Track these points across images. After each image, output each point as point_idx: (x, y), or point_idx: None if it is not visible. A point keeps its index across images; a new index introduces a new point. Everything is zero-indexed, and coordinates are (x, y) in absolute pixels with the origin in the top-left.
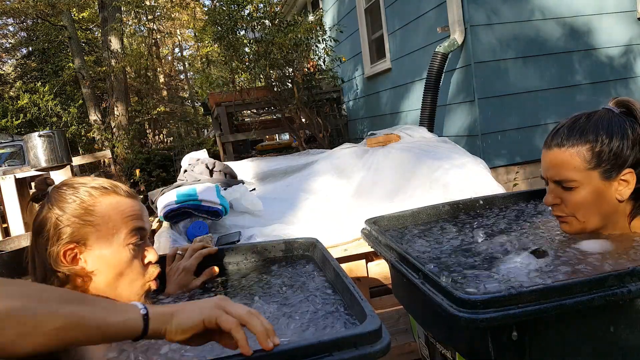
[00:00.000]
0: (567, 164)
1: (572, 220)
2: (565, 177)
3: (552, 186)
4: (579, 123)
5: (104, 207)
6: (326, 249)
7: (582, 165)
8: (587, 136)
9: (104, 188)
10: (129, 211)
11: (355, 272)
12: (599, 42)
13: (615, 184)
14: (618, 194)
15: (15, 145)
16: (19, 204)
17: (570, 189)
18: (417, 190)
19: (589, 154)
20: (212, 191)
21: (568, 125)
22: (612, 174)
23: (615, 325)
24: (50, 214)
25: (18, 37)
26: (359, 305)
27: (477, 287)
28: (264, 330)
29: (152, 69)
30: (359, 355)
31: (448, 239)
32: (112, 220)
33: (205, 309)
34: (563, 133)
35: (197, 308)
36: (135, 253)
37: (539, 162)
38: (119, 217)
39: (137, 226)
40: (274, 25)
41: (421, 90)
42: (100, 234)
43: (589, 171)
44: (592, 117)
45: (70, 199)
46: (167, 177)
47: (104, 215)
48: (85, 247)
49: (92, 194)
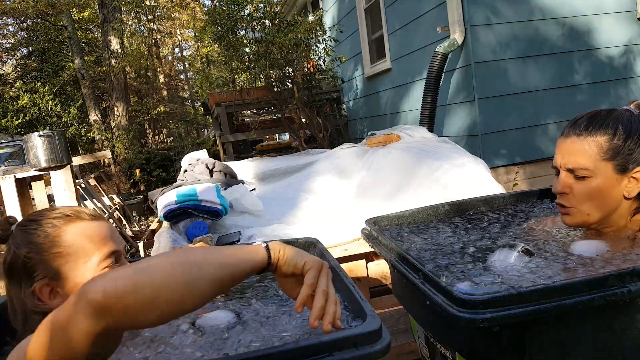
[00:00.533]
0: (583, 152)
1: (575, 212)
2: (580, 164)
3: (563, 174)
4: (599, 116)
5: (70, 236)
6: (326, 249)
7: (598, 154)
8: (607, 128)
9: (66, 216)
10: (97, 235)
11: (355, 272)
12: (599, 42)
13: (625, 180)
14: (626, 191)
15: (15, 145)
16: (19, 204)
17: (582, 178)
18: (417, 190)
19: (607, 144)
20: (212, 191)
21: (588, 116)
22: (625, 168)
23: (615, 325)
24: (17, 252)
25: (18, 37)
26: (359, 305)
27: (474, 287)
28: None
29: (152, 69)
30: (359, 355)
31: (448, 239)
32: (82, 247)
33: (310, 259)
34: (582, 123)
35: (304, 254)
36: None
37: (539, 162)
38: (88, 243)
39: (109, 251)
40: (274, 25)
41: (421, 90)
42: (72, 263)
43: (604, 162)
44: (612, 113)
45: (34, 234)
46: (167, 177)
47: (72, 243)
48: (60, 280)
49: (55, 224)
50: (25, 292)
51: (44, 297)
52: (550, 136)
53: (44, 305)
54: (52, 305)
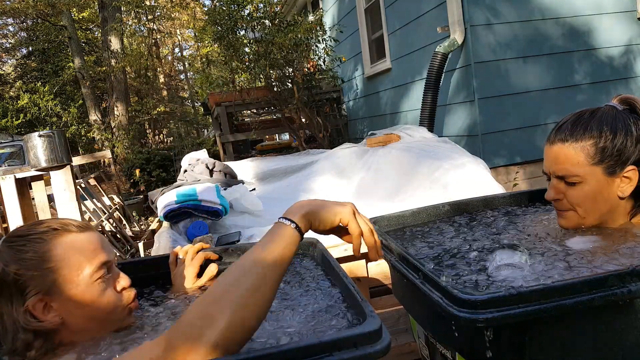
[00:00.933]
0: (570, 159)
1: (572, 215)
2: (569, 172)
3: (554, 181)
4: (582, 119)
5: (60, 250)
6: (326, 249)
7: (586, 160)
8: (591, 132)
9: (54, 230)
10: (87, 247)
11: (355, 272)
12: (599, 42)
13: (617, 180)
14: (620, 191)
15: (15, 145)
16: (18, 204)
17: (573, 184)
18: (417, 190)
19: (593, 149)
20: (212, 191)
21: (572, 120)
22: (615, 170)
23: (615, 326)
24: (7, 270)
25: (18, 37)
26: (359, 305)
27: (473, 288)
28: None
29: (152, 69)
30: (359, 355)
31: (448, 239)
32: (73, 261)
33: (342, 213)
34: (567, 128)
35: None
36: (106, 284)
37: (539, 162)
38: (78, 256)
39: (101, 262)
40: (274, 25)
41: (421, 90)
42: (64, 277)
43: (592, 166)
44: (596, 113)
45: (22, 250)
46: (167, 177)
47: (62, 258)
48: (53, 295)
49: (44, 239)
50: (17, 310)
51: (37, 313)
52: None
53: (37, 322)
54: (45, 321)
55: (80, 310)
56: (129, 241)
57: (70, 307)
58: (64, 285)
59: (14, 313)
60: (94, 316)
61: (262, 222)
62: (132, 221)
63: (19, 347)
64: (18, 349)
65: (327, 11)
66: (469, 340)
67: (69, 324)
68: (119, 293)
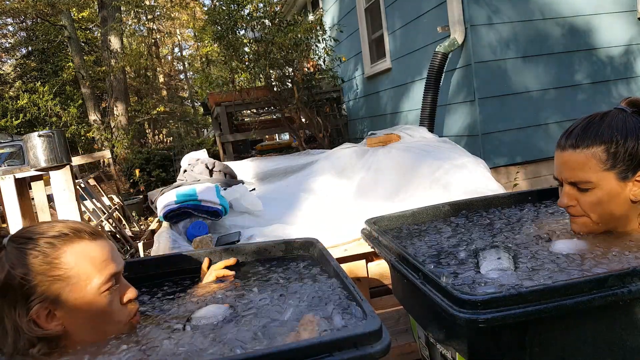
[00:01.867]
0: (583, 166)
1: (585, 221)
2: (581, 178)
3: (567, 188)
4: (593, 124)
5: (70, 258)
6: (326, 249)
7: (598, 166)
8: (602, 137)
9: (65, 235)
10: (99, 257)
11: (355, 272)
12: (599, 42)
13: (630, 184)
14: (633, 195)
15: (14, 145)
16: (18, 204)
17: (586, 190)
18: (418, 190)
19: (605, 154)
20: (212, 191)
21: (582, 126)
22: (627, 174)
23: (615, 326)
24: (13, 272)
25: (18, 37)
26: (359, 306)
27: (471, 287)
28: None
29: (151, 69)
30: (359, 355)
31: (448, 239)
32: (82, 271)
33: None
34: (577, 134)
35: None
36: (112, 296)
37: (540, 162)
38: (89, 266)
39: (110, 273)
40: (273, 25)
41: (421, 90)
42: (72, 287)
43: (604, 172)
44: (605, 118)
45: (31, 254)
46: (166, 177)
47: (72, 266)
48: (58, 304)
49: (54, 244)
50: (20, 316)
51: (40, 321)
52: (550, 136)
53: (40, 329)
54: (48, 329)
55: (84, 320)
56: (128, 241)
57: (74, 317)
58: (71, 295)
59: (16, 318)
60: (96, 326)
61: (262, 222)
62: (131, 221)
63: (21, 349)
64: (20, 350)
65: (327, 11)
66: (469, 340)
67: (71, 333)
68: (123, 305)
